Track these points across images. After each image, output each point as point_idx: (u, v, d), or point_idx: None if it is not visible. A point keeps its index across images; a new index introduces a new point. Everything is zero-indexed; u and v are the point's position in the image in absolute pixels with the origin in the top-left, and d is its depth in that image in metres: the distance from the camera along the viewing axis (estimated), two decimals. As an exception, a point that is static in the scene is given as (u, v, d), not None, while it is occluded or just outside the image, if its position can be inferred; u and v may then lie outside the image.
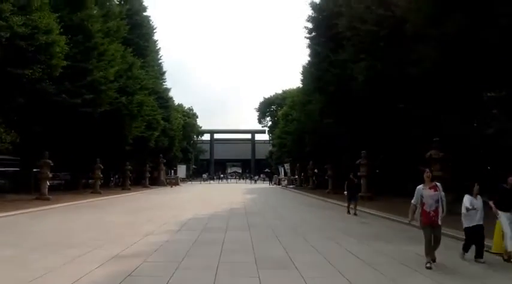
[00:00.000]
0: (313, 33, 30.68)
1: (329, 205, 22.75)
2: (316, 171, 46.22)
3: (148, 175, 50.42)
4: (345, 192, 17.29)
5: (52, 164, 25.67)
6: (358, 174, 25.97)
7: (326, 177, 48.21)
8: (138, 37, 46.69)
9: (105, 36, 30.86)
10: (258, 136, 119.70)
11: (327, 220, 14.93)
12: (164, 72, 60.05)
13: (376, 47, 19.25)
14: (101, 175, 34.67)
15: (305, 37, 31.18)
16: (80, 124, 29.92)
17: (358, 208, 17.44)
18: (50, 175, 25.98)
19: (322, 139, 34.69)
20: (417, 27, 15.07)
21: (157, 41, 56.13)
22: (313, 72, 29.41)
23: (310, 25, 30.43)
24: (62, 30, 23.66)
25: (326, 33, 28.14)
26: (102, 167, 34.29)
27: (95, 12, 30.37)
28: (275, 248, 9.08)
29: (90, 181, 39.09)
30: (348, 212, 17.26)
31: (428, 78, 15.64)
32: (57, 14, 23.45)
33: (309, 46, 32.20)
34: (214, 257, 7.97)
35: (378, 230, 12.60)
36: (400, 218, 14.76)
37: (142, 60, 40.99)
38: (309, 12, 30.02)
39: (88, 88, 27.80)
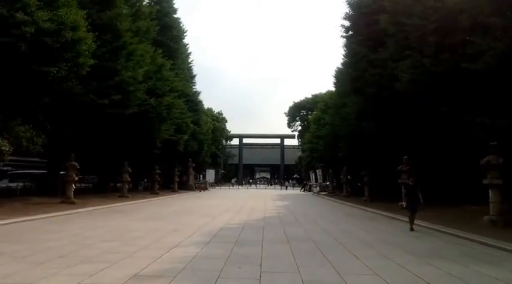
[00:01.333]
0: (350, 32, 29.05)
1: (370, 215, 21.00)
2: (349, 177, 44.31)
3: (177, 179, 49.53)
4: (403, 203, 14.78)
5: (78, 167, 24.76)
6: (399, 181, 24.17)
7: (359, 184, 46.44)
8: (168, 39, 46.01)
9: (134, 36, 29.99)
10: (287, 141, 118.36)
11: (374, 232, 13.25)
12: (194, 76, 59.38)
13: (424, 42, 17.54)
14: (129, 179, 33.78)
15: (341, 36, 29.61)
16: (107, 126, 29.11)
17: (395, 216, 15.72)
18: (76, 178, 25.08)
19: (358, 144, 32.94)
20: (476, 16, 13.34)
21: (187, 44, 55.56)
22: (351, 73, 27.73)
23: (347, 23, 28.86)
24: (89, 27, 22.82)
25: (364, 31, 26.51)
26: (130, 170, 33.36)
27: (124, 11, 29.55)
28: (324, 269, 7.58)
29: (118, 184, 38.36)
30: (412, 228, 13.76)
31: (490, 74, 13.87)
32: (84, 11, 22.56)
33: (346, 45, 30.58)
34: (254, 282, 6.53)
35: (433, 245, 10.92)
36: (452, 230, 13.07)
37: (172, 62, 40.03)
38: (346, 9, 28.41)
39: (116, 88, 26.93)
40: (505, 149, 14.53)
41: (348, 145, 36.35)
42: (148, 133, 34.83)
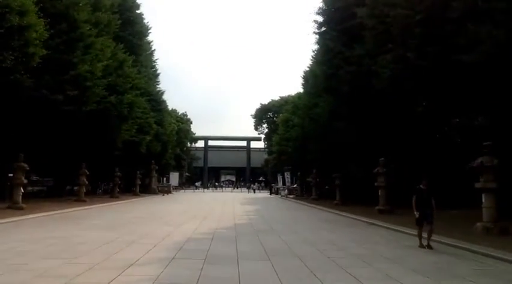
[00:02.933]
0: (323, 28, 27.70)
1: (349, 220, 19.59)
2: (317, 180, 43.00)
3: (139, 182, 47.14)
4: (416, 213, 11.00)
5: (28, 168, 22.37)
6: (376, 184, 22.95)
7: (327, 187, 45.28)
8: (130, 35, 43.62)
9: (93, 28, 27.71)
10: (253, 144, 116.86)
11: (363, 243, 11.66)
12: (158, 74, 56.99)
13: (408, 34, 16.25)
14: (87, 182, 31.41)
15: (314, 32, 28.22)
16: (63, 124, 26.80)
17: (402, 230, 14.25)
18: (26, 181, 22.67)
19: (330, 146, 31.68)
20: (472, 2, 12.07)
21: (151, 41, 53.17)
22: (324, 70, 26.34)
23: (320, 18, 27.45)
24: (41, 14, 20.63)
25: (339, 26, 25.25)
26: (88, 173, 30.95)
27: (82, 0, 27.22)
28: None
29: (75, 188, 35.83)
30: (421, 244, 11.08)
31: (486, 65, 12.62)
32: (36, -3, 20.35)
33: (318, 42, 29.22)
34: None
35: (437, 259, 9.49)
36: (449, 240, 11.71)
37: (134, 58, 37.75)
38: (319, 4, 27.03)
39: (72, 83, 24.68)
40: (499, 150, 13.33)
41: (318, 147, 35.08)
42: (108, 133, 32.58)
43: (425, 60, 15.16)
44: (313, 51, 38.60)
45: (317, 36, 28.76)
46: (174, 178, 70.74)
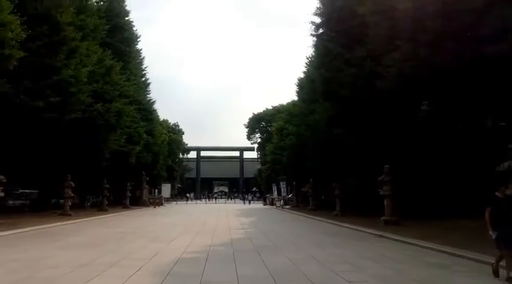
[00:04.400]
0: (321, 29, 26.30)
1: (354, 233, 17.98)
2: (314, 189, 41.36)
3: (129, 194, 45.37)
4: (491, 233, 8.01)
5: (5, 180, 20.66)
6: (381, 193, 21.46)
7: (323, 197, 43.71)
8: (119, 41, 42.16)
9: (78, 31, 26.14)
10: (246, 154, 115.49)
11: (382, 261, 10.06)
12: (149, 84, 55.36)
13: (420, 29, 14.80)
14: (72, 195, 29.61)
15: (311, 34, 26.78)
16: (44, 133, 25.18)
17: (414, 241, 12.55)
18: (2, 194, 20.98)
19: (328, 154, 30.22)
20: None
21: (141, 49, 51.70)
22: (323, 74, 24.88)
23: (317, 19, 26.03)
24: (19, 14, 19.07)
25: (338, 27, 23.85)
26: (74, 185, 29.14)
27: (65, 1, 25.67)
28: None
29: (61, 201, 33.99)
30: (495, 271, 8.15)
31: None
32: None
33: (316, 45, 27.81)
34: None
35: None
36: (482, 257, 10.16)
37: (122, 64, 36.16)
38: (317, 4, 25.63)
39: (54, 89, 23.06)
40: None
41: (316, 155, 33.62)
42: (95, 142, 30.89)
43: (440, 56, 13.74)
44: (308, 58, 37.43)
45: (314, 39, 27.38)
46: (166, 189, 69.05)
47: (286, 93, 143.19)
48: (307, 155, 36.15)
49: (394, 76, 16.51)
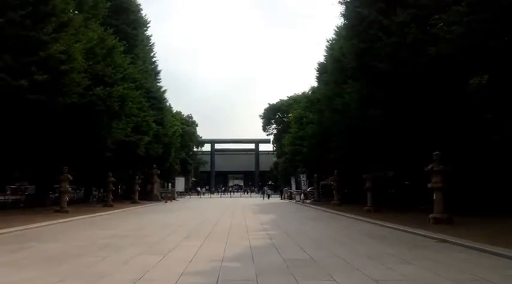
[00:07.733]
0: (352, -6, 22.54)
1: (404, 236, 14.19)
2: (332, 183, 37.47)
3: (138, 188, 42.33)
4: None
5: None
6: (429, 185, 17.73)
7: (346, 191, 39.92)
8: (124, 23, 38.91)
9: (70, 2, 22.79)
10: (262, 147, 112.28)
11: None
12: (159, 72, 52.18)
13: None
14: (69, 189, 26.36)
15: (339, 2, 23.02)
16: (36, 119, 22.00)
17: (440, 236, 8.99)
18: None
19: (359, 141, 26.53)
20: None
21: (151, 35, 48.43)
22: (355, 45, 21.14)
23: (347, -17, 22.27)
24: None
25: (374, -12, 20.12)
26: (71, 177, 25.82)
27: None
28: None
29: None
30: None
31: None
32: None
33: (345, 14, 23.94)
34: None
35: None
36: None
37: (126, 44, 32.77)
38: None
39: (40, 66, 19.76)
40: None
41: (342, 144, 29.91)
42: (96, 131, 27.68)
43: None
44: (336, 29, 33.69)
45: (343, 7, 23.53)
46: (180, 183, 66.28)
47: (302, 84, 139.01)
48: (330, 144, 32.47)
49: (458, 34, 12.73)
